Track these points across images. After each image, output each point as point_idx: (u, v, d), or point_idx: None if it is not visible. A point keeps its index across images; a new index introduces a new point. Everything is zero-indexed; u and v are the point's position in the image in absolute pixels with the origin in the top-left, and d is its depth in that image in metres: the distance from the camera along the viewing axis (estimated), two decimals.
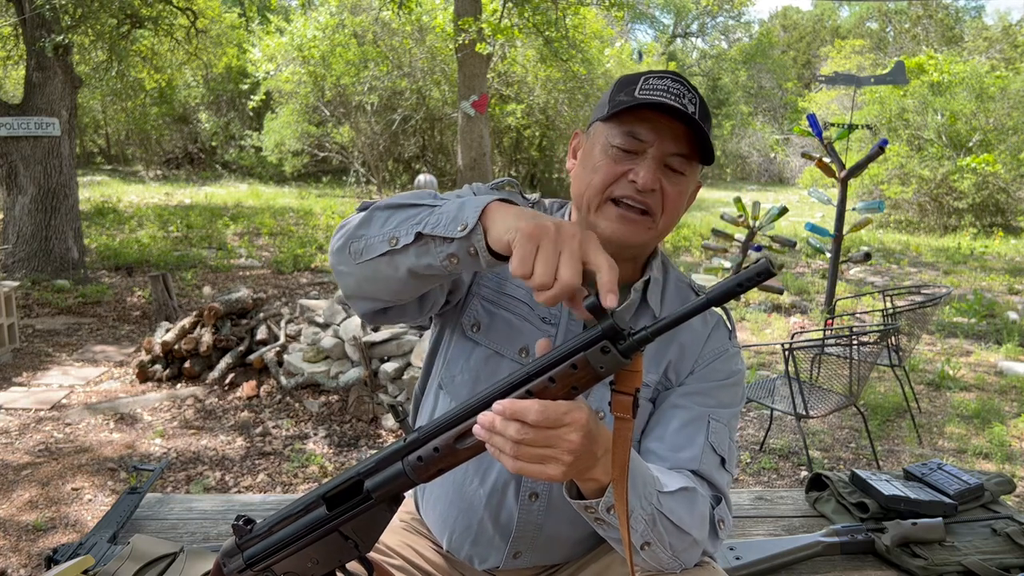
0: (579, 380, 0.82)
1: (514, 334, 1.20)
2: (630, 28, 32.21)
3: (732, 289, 0.75)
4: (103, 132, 20.84)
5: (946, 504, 1.79)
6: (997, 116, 14.61)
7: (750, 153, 27.63)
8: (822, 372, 3.60)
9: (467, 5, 10.21)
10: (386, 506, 0.94)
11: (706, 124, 1.11)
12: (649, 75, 1.13)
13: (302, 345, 4.69)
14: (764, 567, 1.60)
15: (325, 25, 14.43)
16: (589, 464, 0.88)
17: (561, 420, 0.82)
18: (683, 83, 1.12)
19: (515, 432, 0.81)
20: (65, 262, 7.25)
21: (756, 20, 38.95)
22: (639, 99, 1.09)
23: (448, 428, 0.88)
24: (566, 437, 0.83)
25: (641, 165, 1.10)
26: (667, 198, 1.12)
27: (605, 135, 1.13)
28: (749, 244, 6.96)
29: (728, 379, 1.22)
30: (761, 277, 0.73)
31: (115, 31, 8.38)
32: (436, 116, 17.14)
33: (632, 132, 1.11)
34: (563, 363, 0.82)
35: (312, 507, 0.97)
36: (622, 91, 1.13)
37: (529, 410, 0.81)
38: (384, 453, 0.92)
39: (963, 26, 28.40)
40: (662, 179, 1.11)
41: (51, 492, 3.29)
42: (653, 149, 1.10)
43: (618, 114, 1.11)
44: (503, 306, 1.22)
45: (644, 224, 1.13)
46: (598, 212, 1.14)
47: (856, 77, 7.24)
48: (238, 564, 1.03)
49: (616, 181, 1.12)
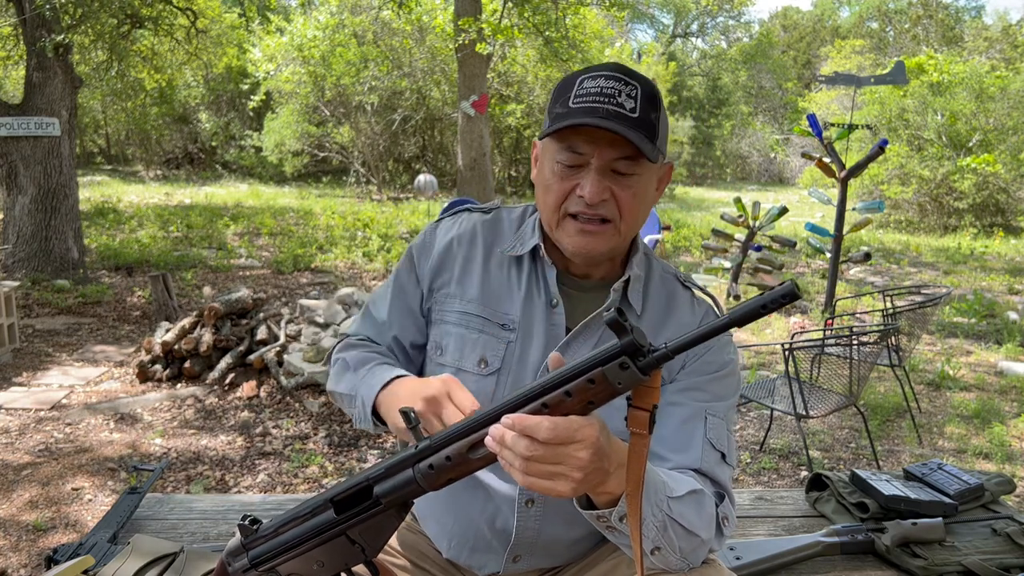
0: (596, 395, 0.81)
1: (470, 348, 1.22)
2: (630, 28, 32.23)
3: (755, 311, 0.74)
4: (103, 132, 20.85)
5: (946, 504, 1.78)
6: (997, 116, 14.61)
7: (750, 153, 27.65)
8: (822, 372, 3.60)
9: (467, 5, 10.21)
10: (395, 512, 0.94)
11: (652, 113, 1.09)
12: (584, 76, 1.11)
13: (302, 345, 4.69)
14: (764, 567, 1.60)
15: (325, 25, 14.43)
16: (600, 479, 0.88)
17: (572, 437, 0.82)
18: (619, 77, 1.09)
19: (525, 448, 0.82)
20: (65, 262, 7.25)
21: (756, 20, 38.99)
22: (571, 109, 1.08)
23: (461, 437, 0.88)
24: (576, 454, 0.83)
25: (586, 179, 1.10)
26: (621, 203, 1.11)
27: (551, 151, 1.13)
28: (749, 244, 6.96)
29: (721, 370, 1.20)
30: (786, 300, 0.72)
31: (115, 31, 8.39)
32: (436, 116, 17.15)
33: (571, 147, 1.10)
34: (580, 377, 0.81)
35: (320, 510, 0.97)
36: (558, 101, 1.12)
37: (540, 427, 0.81)
38: (394, 459, 0.92)
39: (963, 26, 28.40)
40: (611, 186, 1.10)
41: (51, 492, 3.29)
42: (594, 160, 1.09)
43: (557, 129, 1.10)
44: (460, 324, 1.23)
45: (606, 232, 1.13)
46: (559, 229, 1.15)
47: (856, 77, 7.24)
48: (243, 564, 1.03)
49: (567, 198, 1.12)
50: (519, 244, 1.25)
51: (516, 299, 1.22)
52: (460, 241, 1.27)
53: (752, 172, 27.97)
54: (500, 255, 1.25)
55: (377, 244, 9.39)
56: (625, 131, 1.05)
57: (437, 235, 1.30)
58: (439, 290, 1.27)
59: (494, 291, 1.23)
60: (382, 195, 16.23)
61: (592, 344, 1.20)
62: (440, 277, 1.27)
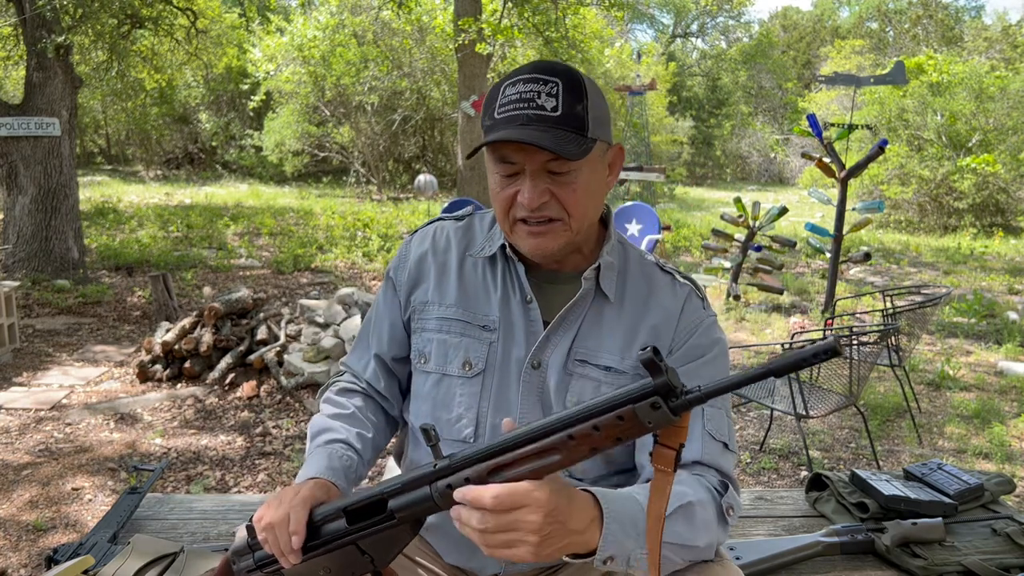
0: (624, 432, 0.81)
1: (453, 352, 1.23)
2: (630, 28, 32.21)
3: (796, 363, 0.74)
4: (103, 132, 20.84)
5: (946, 504, 1.78)
6: (997, 116, 14.61)
7: (750, 153, 27.63)
8: (822, 372, 3.60)
9: (467, 5, 10.21)
10: (408, 527, 0.94)
11: (577, 105, 1.08)
12: (506, 83, 1.12)
13: (302, 345, 4.69)
14: (764, 567, 1.60)
15: (325, 25, 14.43)
16: (563, 539, 0.88)
17: (517, 503, 0.84)
18: (537, 78, 1.09)
19: (477, 521, 0.84)
20: (65, 262, 7.25)
21: (756, 20, 38.97)
22: (496, 120, 1.10)
23: (484, 459, 0.87)
24: (525, 519, 0.84)
25: (522, 185, 1.11)
26: (563, 200, 1.12)
27: (489, 162, 1.15)
28: (749, 244, 6.96)
29: (709, 353, 1.20)
30: (828, 355, 0.71)
31: (115, 31, 8.39)
32: (436, 116, 17.14)
33: (503, 157, 1.12)
34: (609, 413, 0.81)
35: (331, 518, 0.98)
36: (487, 112, 1.13)
37: (483, 496, 0.84)
38: (412, 476, 0.92)
39: (963, 26, 28.40)
40: (549, 187, 1.11)
41: (51, 492, 3.29)
42: (528, 165, 1.10)
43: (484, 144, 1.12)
44: (441, 330, 1.25)
45: (555, 230, 1.14)
46: (513, 234, 1.18)
47: (856, 77, 7.24)
48: (248, 564, 1.04)
49: (512, 205, 1.14)
50: (488, 245, 1.27)
51: (493, 299, 1.23)
52: (435, 250, 1.29)
53: (752, 172, 27.96)
54: (472, 258, 1.27)
55: (377, 244, 9.39)
56: (541, 136, 1.06)
57: (411, 248, 1.32)
58: (417, 300, 1.28)
59: (472, 294, 1.25)
60: (382, 195, 16.23)
61: (571, 337, 1.20)
62: (418, 287, 1.29)
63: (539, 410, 1.20)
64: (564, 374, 1.20)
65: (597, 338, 1.20)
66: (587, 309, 1.21)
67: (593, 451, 0.84)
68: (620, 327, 1.21)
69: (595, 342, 1.20)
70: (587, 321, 1.21)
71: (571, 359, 1.20)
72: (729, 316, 6.67)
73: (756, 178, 27.56)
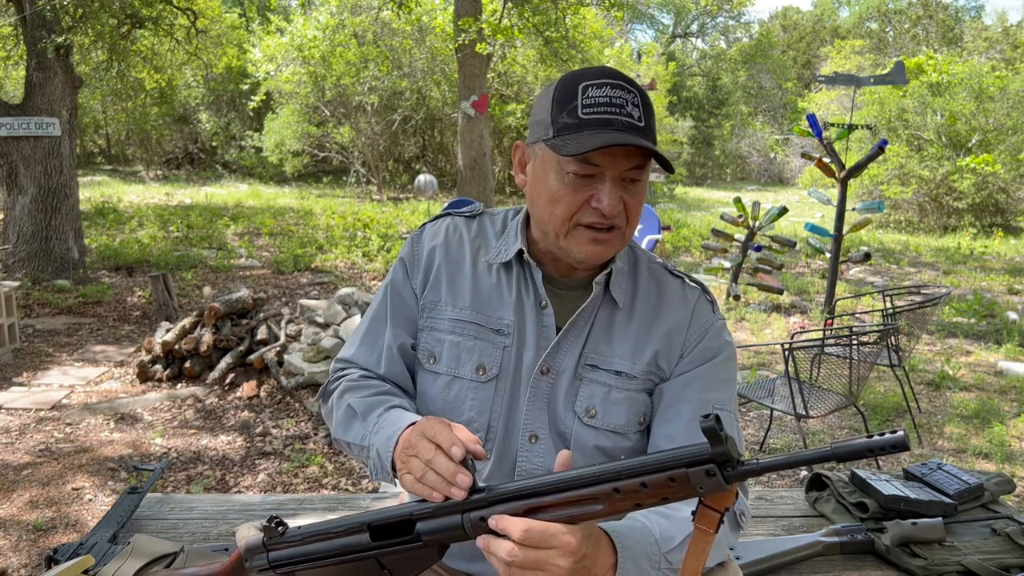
0: (672, 493, 0.81)
1: (467, 355, 1.21)
2: (630, 28, 32.20)
3: (861, 452, 0.74)
4: (103, 132, 20.84)
5: (946, 504, 1.79)
6: (997, 116, 14.61)
7: (750, 153, 27.64)
8: (822, 372, 3.60)
9: (467, 5, 10.21)
10: (435, 551, 0.93)
11: (651, 119, 1.10)
12: (586, 83, 1.10)
13: (302, 345, 4.69)
14: (764, 567, 1.60)
15: (325, 25, 14.43)
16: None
17: (548, 543, 0.83)
18: (622, 84, 1.09)
19: (506, 553, 0.84)
20: (65, 262, 7.25)
21: (756, 20, 38.94)
22: (584, 120, 1.07)
23: (522, 497, 0.87)
24: (554, 562, 0.83)
25: (602, 191, 1.09)
26: (630, 209, 1.13)
27: (557, 161, 1.11)
28: (749, 244, 6.96)
29: (719, 356, 1.21)
30: (896, 449, 0.72)
31: (115, 31, 8.39)
32: (436, 116, 17.15)
33: (586, 159, 1.09)
34: (661, 473, 0.80)
35: (354, 531, 0.97)
36: (564, 110, 1.10)
37: (514, 528, 0.83)
38: (444, 502, 0.92)
39: (963, 26, 28.41)
40: (623, 196, 1.11)
41: (51, 492, 3.29)
42: (609, 171, 1.09)
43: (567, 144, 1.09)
44: (454, 331, 1.23)
45: (615, 239, 1.14)
46: (568, 238, 1.15)
47: (856, 77, 7.24)
48: (261, 563, 1.04)
49: (580, 209, 1.12)
50: (504, 250, 1.25)
51: (508, 304, 1.22)
52: (448, 247, 1.28)
53: (752, 172, 27.97)
54: (486, 263, 1.26)
55: (377, 244, 9.39)
56: (646, 145, 1.06)
57: (423, 242, 1.30)
58: (429, 297, 1.27)
59: (486, 297, 1.24)
60: (382, 195, 16.23)
61: (582, 341, 1.20)
62: (430, 284, 1.27)
63: (545, 416, 1.20)
64: (575, 379, 1.20)
65: (608, 343, 1.21)
66: (597, 314, 1.22)
67: (636, 507, 0.83)
68: (630, 332, 1.21)
69: (606, 347, 1.20)
70: (597, 326, 1.21)
71: (582, 364, 1.20)
72: (729, 316, 6.67)
73: (756, 178, 27.57)
